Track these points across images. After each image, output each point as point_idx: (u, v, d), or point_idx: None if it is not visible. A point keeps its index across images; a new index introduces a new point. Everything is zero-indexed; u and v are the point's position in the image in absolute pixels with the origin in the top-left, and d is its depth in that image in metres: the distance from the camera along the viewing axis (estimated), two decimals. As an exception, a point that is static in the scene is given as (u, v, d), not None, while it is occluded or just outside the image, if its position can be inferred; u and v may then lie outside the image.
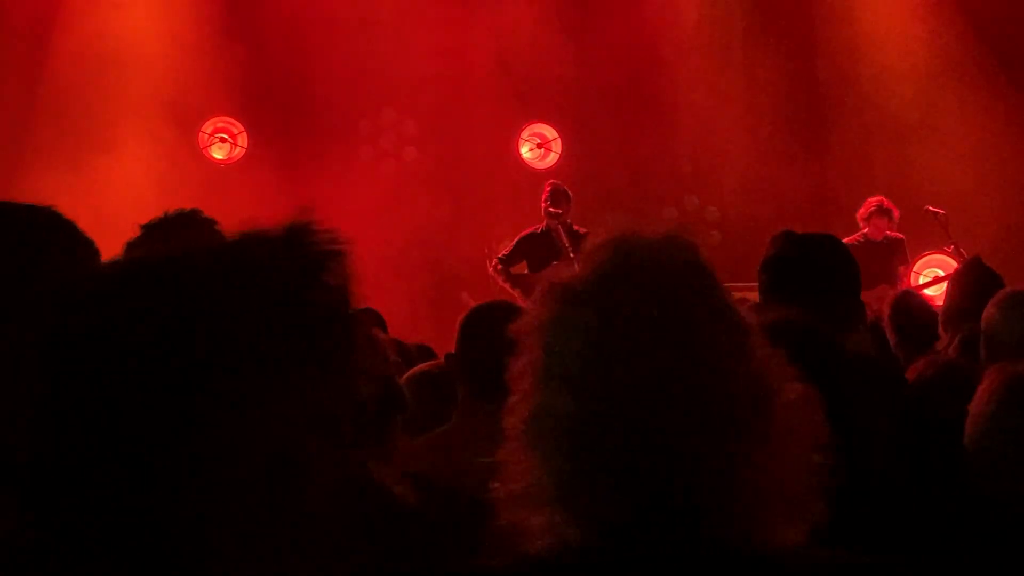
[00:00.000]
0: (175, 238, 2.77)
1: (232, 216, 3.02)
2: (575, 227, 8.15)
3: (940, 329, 4.33)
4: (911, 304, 4.69)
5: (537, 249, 8.24)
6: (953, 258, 8.14)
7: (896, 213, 8.42)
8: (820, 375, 1.82)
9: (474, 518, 1.82)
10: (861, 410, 2.13)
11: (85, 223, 1.77)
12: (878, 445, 2.14)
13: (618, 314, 1.15)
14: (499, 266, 8.32)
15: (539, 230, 8.31)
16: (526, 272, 8.33)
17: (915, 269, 8.63)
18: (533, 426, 1.16)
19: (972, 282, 4.09)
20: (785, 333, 2.05)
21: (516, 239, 8.42)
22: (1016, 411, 2.37)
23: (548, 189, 8.37)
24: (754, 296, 4.79)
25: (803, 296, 2.69)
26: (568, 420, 1.14)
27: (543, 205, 8.24)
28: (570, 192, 8.39)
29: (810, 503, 1.17)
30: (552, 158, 10.53)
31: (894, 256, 8.44)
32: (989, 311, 3.38)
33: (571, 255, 7.87)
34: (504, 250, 8.43)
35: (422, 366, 3.56)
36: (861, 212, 8.48)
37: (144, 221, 2.87)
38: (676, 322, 1.16)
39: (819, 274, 2.85)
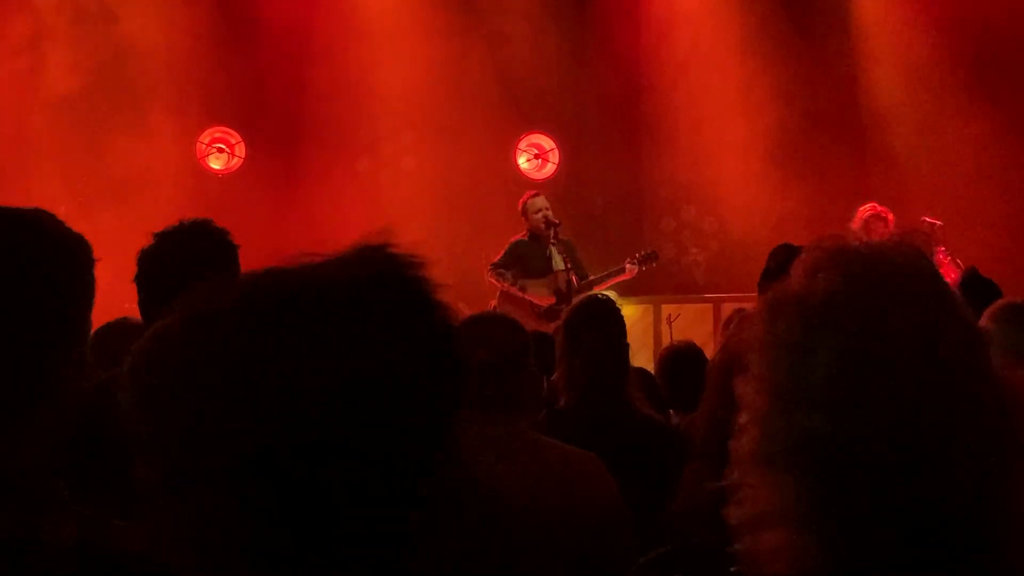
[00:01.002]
0: (189, 247, 2.77)
1: (229, 227, 3.03)
2: (560, 235, 8.16)
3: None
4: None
5: (529, 254, 8.23)
6: (951, 270, 8.14)
7: (890, 218, 8.41)
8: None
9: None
10: None
11: (81, 230, 1.77)
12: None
13: (867, 331, 1.11)
14: (499, 269, 8.30)
15: (526, 237, 8.30)
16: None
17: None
18: (778, 448, 1.12)
19: (969, 294, 4.09)
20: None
21: (507, 245, 8.41)
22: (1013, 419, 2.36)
23: (534, 197, 8.34)
24: (750, 305, 4.78)
25: None
26: (821, 441, 1.10)
27: (535, 216, 8.20)
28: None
29: None
30: (549, 168, 10.54)
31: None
32: (984, 323, 3.38)
33: (564, 265, 7.87)
34: (496, 257, 8.42)
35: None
36: (855, 222, 8.46)
37: (140, 228, 2.88)
38: (925, 335, 1.12)
39: None
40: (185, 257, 2.74)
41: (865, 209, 8.43)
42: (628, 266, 8.12)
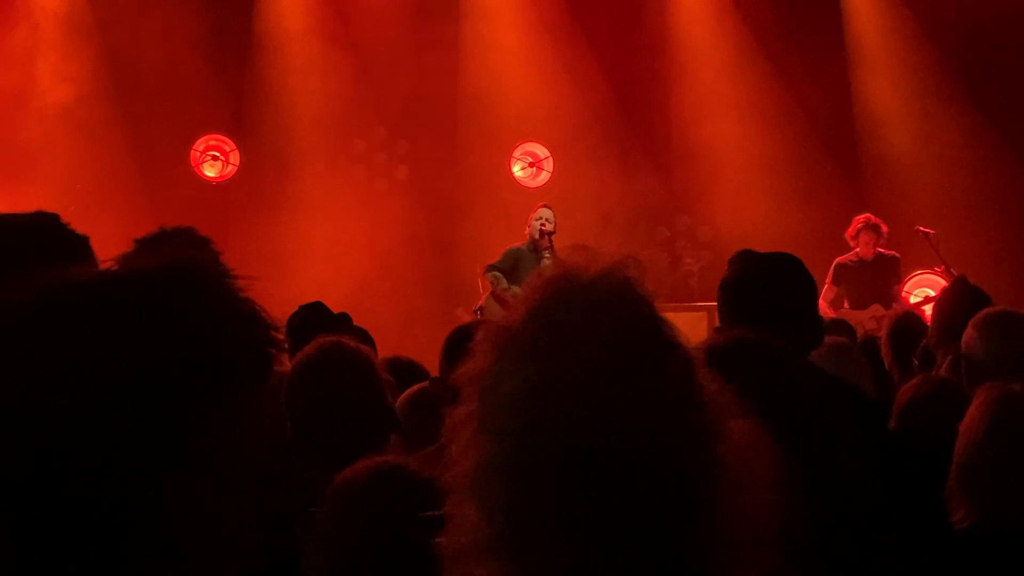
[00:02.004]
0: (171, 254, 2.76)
1: (224, 233, 3.02)
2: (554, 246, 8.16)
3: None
4: (910, 324, 4.70)
5: (523, 262, 8.23)
6: (944, 278, 8.15)
7: (884, 228, 8.43)
8: (777, 393, 1.82)
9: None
10: (822, 426, 2.13)
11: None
12: (845, 461, 2.14)
13: (554, 359, 1.11)
14: (494, 272, 8.29)
15: (523, 246, 8.30)
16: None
17: (906, 289, 8.64)
18: (472, 477, 1.12)
19: (959, 302, 4.10)
20: (742, 352, 2.06)
21: (504, 252, 8.40)
22: (1007, 430, 2.37)
23: (542, 207, 8.35)
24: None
25: (761, 316, 2.70)
26: (503, 470, 1.10)
27: (535, 224, 8.21)
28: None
29: (765, 548, 1.13)
30: (544, 176, 10.54)
31: (888, 275, 8.44)
32: (968, 332, 3.39)
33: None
34: (492, 260, 8.42)
35: (416, 387, 3.54)
36: (849, 231, 8.48)
37: (136, 236, 2.87)
38: (611, 361, 1.11)
39: (777, 294, 2.85)
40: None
41: (860, 219, 8.45)
42: None
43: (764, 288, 2.87)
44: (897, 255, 8.50)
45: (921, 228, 8.51)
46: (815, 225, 9.52)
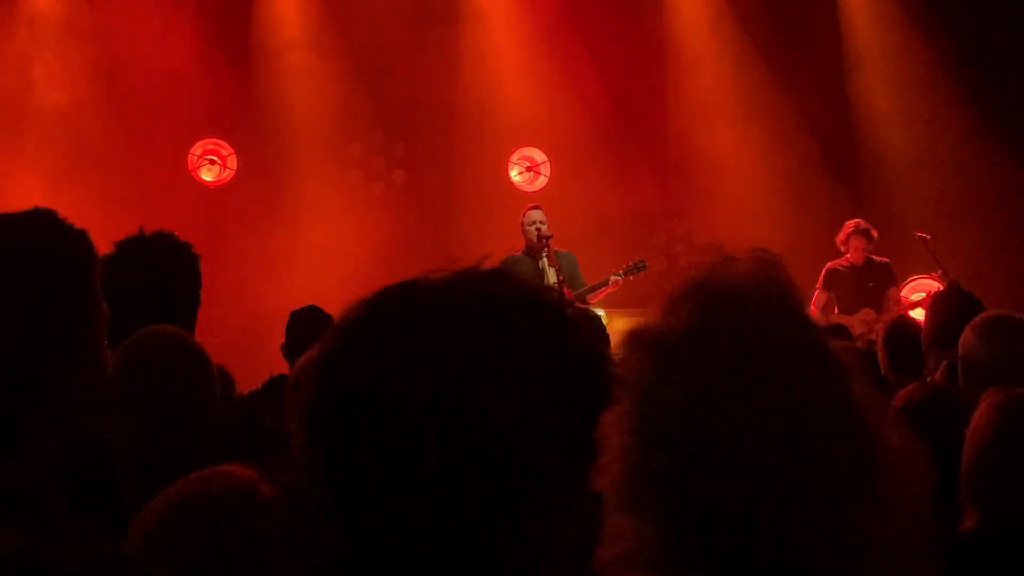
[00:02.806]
0: (150, 258, 2.76)
1: (221, 238, 3.03)
2: (550, 248, 8.16)
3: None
4: (905, 328, 4.70)
5: (521, 268, 8.23)
6: (940, 283, 8.17)
7: (874, 233, 8.44)
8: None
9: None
10: None
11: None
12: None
13: (715, 364, 1.10)
14: None
15: (521, 252, 8.29)
16: None
17: (903, 293, 8.66)
18: (629, 485, 1.11)
19: (951, 307, 4.11)
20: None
21: (500, 262, 8.39)
22: (1015, 434, 2.36)
23: (530, 210, 8.34)
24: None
25: None
26: (665, 478, 1.09)
27: (529, 228, 8.20)
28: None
29: (920, 562, 1.12)
30: (541, 181, 10.55)
31: (880, 280, 8.45)
32: (966, 335, 3.39)
33: (557, 278, 7.87)
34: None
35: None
36: (840, 236, 8.49)
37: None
38: (777, 368, 1.10)
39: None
40: (141, 268, 2.74)
41: (849, 224, 8.46)
42: (613, 279, 8.12)
43: None
44: (887, 260, 8.52)
45: (918, 233, 8.53)
46: (812, 230, 9.53)
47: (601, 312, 7.16)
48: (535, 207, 8.35)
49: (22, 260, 1.45)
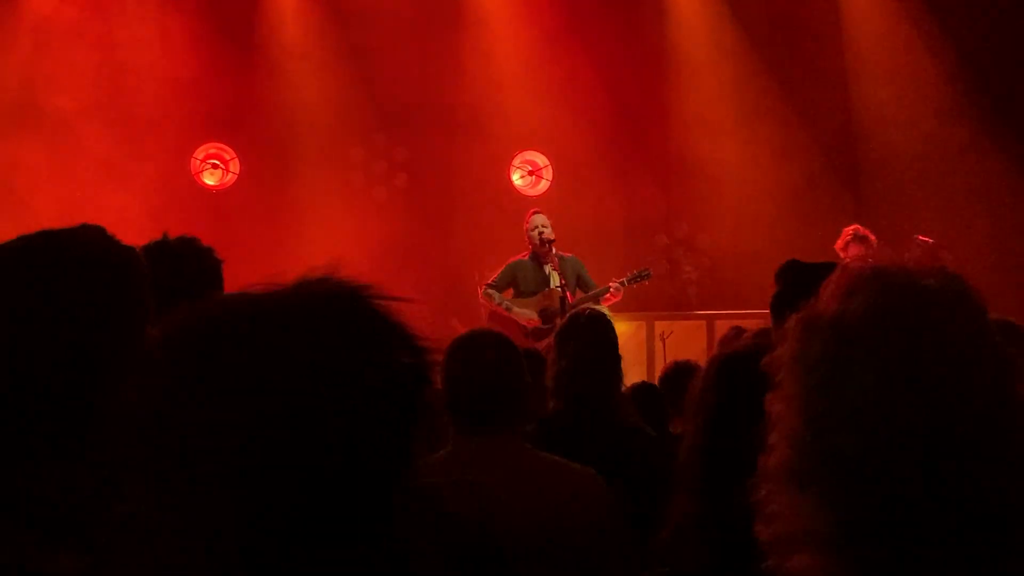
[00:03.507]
0: (173, 263, 2.78)
1: (223, 242, 3.04)
2: (559, 252, 8.16)
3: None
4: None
5: (525, 273, 8.24)
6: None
7: (873, 239, 8.45)
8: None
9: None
10: None
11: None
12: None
13: (902, 354, 1.11)
14: (489, 290, 8.31)
15: (526, 257, 8.29)
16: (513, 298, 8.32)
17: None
18: (802, 465, 1.11)
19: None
20: (750, 362, 2.06)
21: (504, 266, 8.41)
22: None
23: (534, 215, 8.34)
24: (745, 323, 4.84)
25: None
26: (852, 462, 1.09)
27: (532, 233, 8.20)
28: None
29: None
30: (543, 185, 10.55)
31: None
32: None
33: (560, 282, 7.87)
34: (492, 277, 8.42)
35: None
36: (838, 243, 8.49)
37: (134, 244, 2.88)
38: (960, 360, 1.12)
39: None
40: (168, 272, 2.75)
41: (848, 231, 8.47)
42: (614, 287, 8.07)
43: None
44: None
45: (920, 237, 8.53)
46: (814, 234, 9.52)
47: (604, 309, 7.15)
48: (538, 212, 8.35)
49: (73, 276, 1.45)
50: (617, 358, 3.83)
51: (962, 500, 1.08)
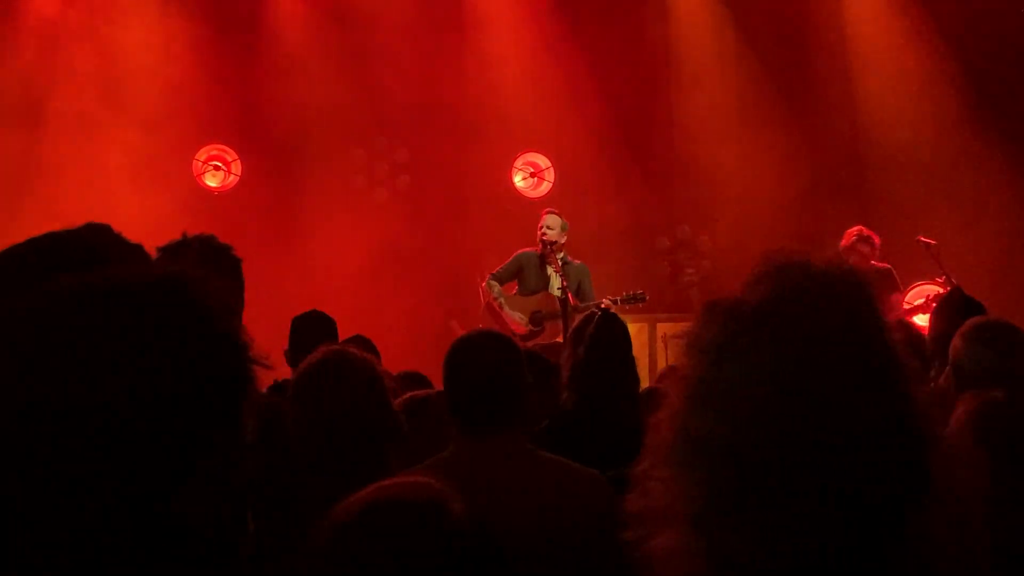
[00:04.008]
0: (195, 261, 2.78)
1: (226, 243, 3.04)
2: (568, 257, 8.16)
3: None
4: (906, 333, 4.70)
5: (529, 270, 8.24)
6: (945, 289, 8.18)
7: (877, 241, 8.46)
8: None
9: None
10: None
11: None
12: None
13: (788, 340, 1.12)
14: (491, 282, 8.31)
15: (536, 253, 8.28)
16: (515, 293, 8.33)
17: (907, 299, 8.67)
18: (680, 445, 1.13)
19: (954, 313, 4.12)
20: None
21: (512, 256, 8.40)
22: (986, 439, 2.39)
23: (547, 214, 8.33)
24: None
25: None
26: (721, 443, 1.10)
27: (539, 231, 8.20)
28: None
29: (969, 555, 1.14)
30: (545, 187, 10.57)
31: (882, 286, 8.46)
32: (955, 342, 3.41)
33: (562, 283, 7.87)
34: (498, 267, 8.42)
35: (417, 392, 3.56)
36: (843, 243, 8.51)
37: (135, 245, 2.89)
38: (845, 355, 1.13)
39: None
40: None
41: (852, 232, 8.48)
42: (607, 303, 8.01)
43: None
44: (889, 266, 8.54)
45: (922, 238, 8.54)
46: (817, 235, 9.54)
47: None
48: (551, 212, 8.33)
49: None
50: (630, 359, 3.87)
51: (822, 490, 1.09)
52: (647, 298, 8.07)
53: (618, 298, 7.95)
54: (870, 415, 1.11)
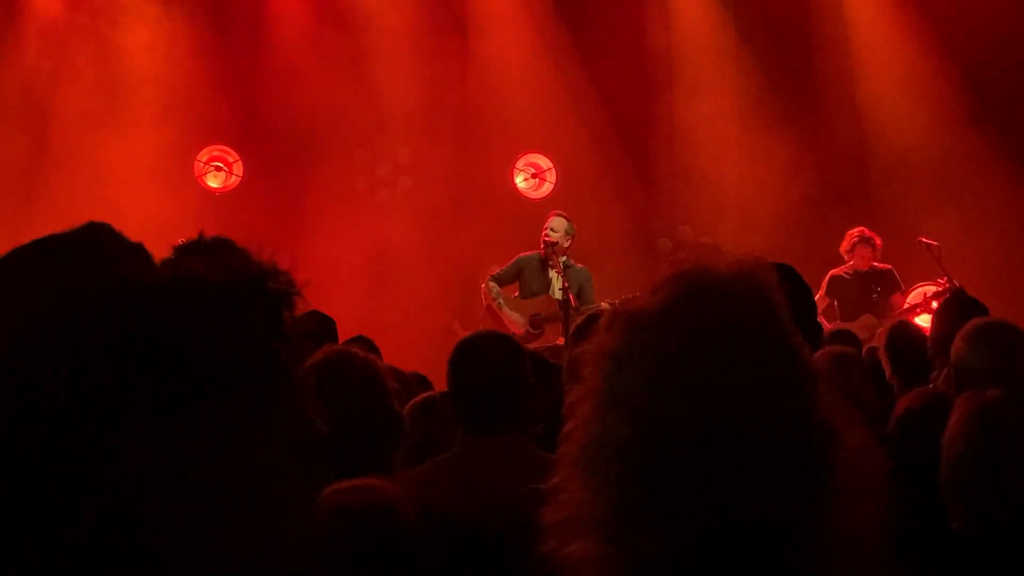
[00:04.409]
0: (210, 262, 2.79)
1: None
2: (571, 261, 8.15)
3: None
4: (906, 334, 4.70)
5: (530, 272, 8.24)
6: (942, 286, 8.19)
7: (878, 242, 8.47)
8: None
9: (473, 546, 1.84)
10: None
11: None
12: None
13: (686, 345, 1.13)
14: (491, 283, 8.31)
15: (537, 256, 8.28)
16: (516, 296, 8.33)
17: (909, 300, 8.68)
18: (588, 453, 1.14)
19: (956, 314, 4.13)
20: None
21: (513, 259, 8.40)
22: (984, 439, 2.40)
23: (554, 216, 8.33)
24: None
25: None
26: (624, 449, 1.11)
27: (543, 232, 8.19)
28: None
29: (867, 553, 1.15)
30: (547, 188, 10.56)
31: (883, 286, 8.48)
32: (956, 343, 3.42)
33: (563, 285, 7.86)
34: (499, 268, 8.41)
35: (424, 395, 3.57)
36: (844, 245, 8.53)
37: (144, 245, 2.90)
38: (744, 358, 1.14)
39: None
40: None
41: (854, 233, 8.49)
42: (606, 306, 8.02)
43: None
44: (890, 266, 8.55)
45: (924, 239, 8.54)
46: (818, 237, 9.55)
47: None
48: (559, 215, 8.32)
49: (85, 272, 1.47)
50: None
51: (725, 495, 1.10)
52: None
53: (618, 301, 7.92)
54: (771, 412, 1.12)
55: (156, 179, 9.63)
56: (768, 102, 10.37)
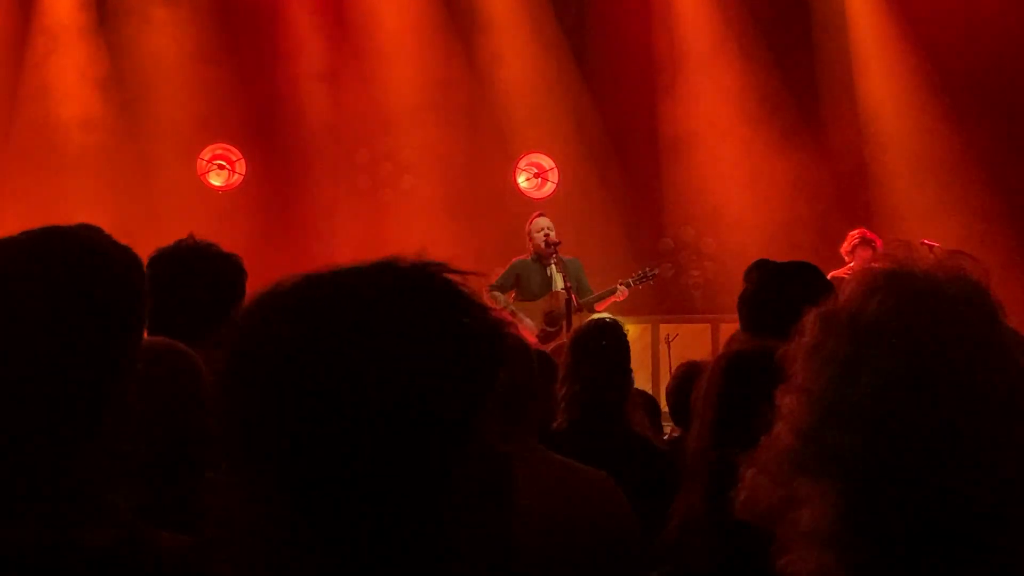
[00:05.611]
0: (187, 265, 2.77)
1: (229, 243, 3.03)
2: (558, 255, 8.15)
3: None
4: None
5: (530, 274, 8.23)
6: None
7: (879, 243, 8.46)
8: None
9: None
10: None
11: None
12: None
13: (914, 355, 1.12)
14: (493, 292, 8.30)
15: (529, 258, 8.27)
16: (516, 300, 8.31)
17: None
18: (813, 461, 1.12)
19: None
20: (755, 362, 2.05)
21: (508, 266, 8.40)
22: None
23: (538, 217, 8.32)
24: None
25: (779, 326, 2.67)
26: (856, 458, 1.10)
27: (537, 235, 8.18)
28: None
29: None
30: (549, 187, 10.56)
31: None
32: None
33: (565, 284, 7.85)
34: (495, 278, 8.40)
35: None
36: (844, 246, 8.50)
37: (140, 245, 2.88)
38: (971, 366, 1.12)
39: (793, 302, 2.82)
40: (194, 272, 2.76)
41: (854, 235, 8.48)
42: (620, 287, 8.05)
43: (780, 298, 2.86)
44: None
45: (926, 241, 8.53)
46: (820, 237, 9.54)
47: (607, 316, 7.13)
48: (542, 214, 8.34)
49: (71, 275, 1.45)
50: (630, 370, 3.85)
51: (961, 506, 1.09)
52: (657, 272, 8.15)
53: (630, 279, 8.01)
54: (999, 430, 1.11)
55: (158, 177, 9.63)
56: (771, 99, 10.36)
